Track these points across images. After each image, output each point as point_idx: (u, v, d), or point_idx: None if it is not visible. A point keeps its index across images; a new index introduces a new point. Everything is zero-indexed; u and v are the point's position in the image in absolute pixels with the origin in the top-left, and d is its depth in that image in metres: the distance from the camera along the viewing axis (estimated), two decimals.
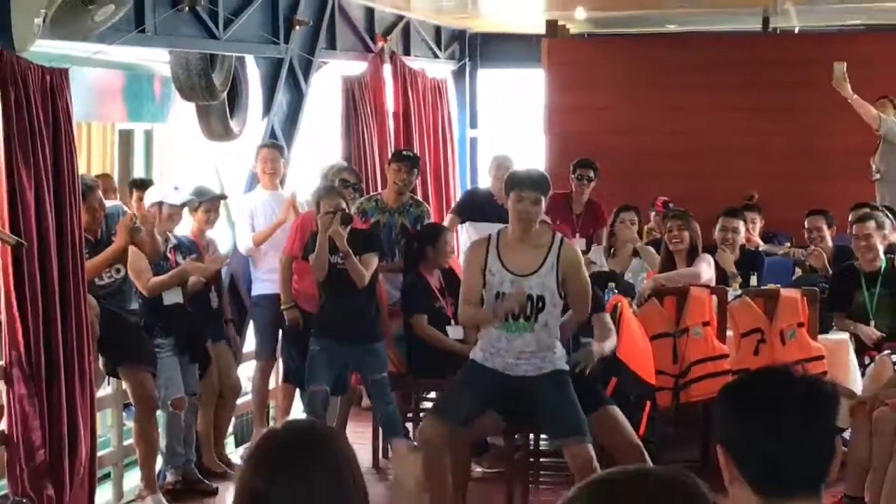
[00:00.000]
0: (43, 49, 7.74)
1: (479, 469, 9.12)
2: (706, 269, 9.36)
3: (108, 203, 8.80)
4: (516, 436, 8.45)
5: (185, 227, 9.42)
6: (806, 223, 10.93)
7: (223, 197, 9.90)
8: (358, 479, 2.71)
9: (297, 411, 9.94)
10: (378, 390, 9.20)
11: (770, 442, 2.74)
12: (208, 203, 9.33)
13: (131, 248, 8.45)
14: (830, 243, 10.73)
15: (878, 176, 11.63)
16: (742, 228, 10.30)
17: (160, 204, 8.90)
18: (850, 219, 9.96)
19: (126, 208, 9.02)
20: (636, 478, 2.18)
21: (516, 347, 7.28)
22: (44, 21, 7.11)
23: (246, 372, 10.40)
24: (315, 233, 8.90)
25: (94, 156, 12.34)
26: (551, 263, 7.26)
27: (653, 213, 12.09)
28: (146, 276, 8.61)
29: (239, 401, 9.93)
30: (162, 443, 8.75)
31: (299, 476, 2.61)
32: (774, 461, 2.75)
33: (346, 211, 8.94)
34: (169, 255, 8.87)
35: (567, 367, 7.40)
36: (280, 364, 10.17)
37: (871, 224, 9.53)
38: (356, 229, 9.09)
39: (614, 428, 7.70)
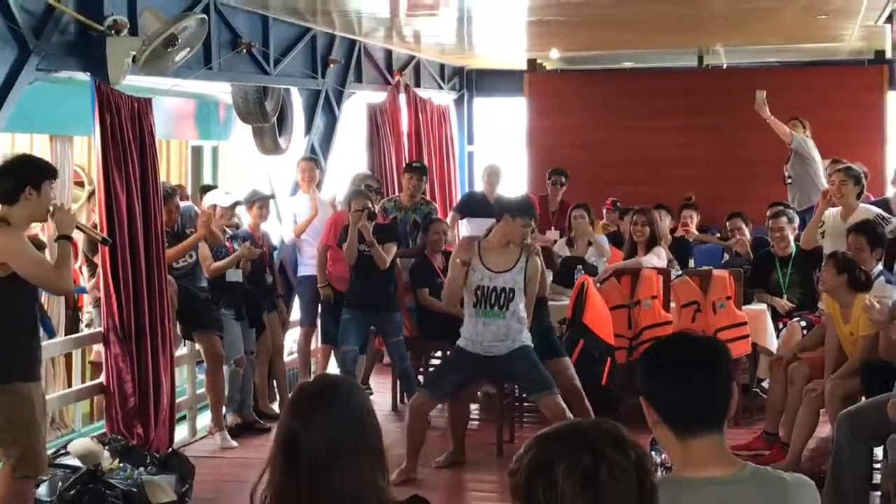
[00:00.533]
0: (132, 83, 7.73)
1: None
2: (656, 260, 9.35)
3: (182, 204, 8.81)
4: (505, 386, 8.47)
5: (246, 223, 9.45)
6: (728, 224, 10.95)
7: (272, 197, 9.88)
8: (373, 421, 2.69)
9: (333, 366, 9.96)
10: (395, 350, 9.22)
11: (679, 390, 2.74)
12: (260, 202, 9.33)
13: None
14: (749, 235, 10.75)
15: (789, 181, 11.62)
16: (657, 220, 10.14)
17: (214, 206, 8.91)
18: (767, 215, 9.97)
19: (196, 208, 9.02)
20: (569, 428, 2.17)
21: (491, 331, 7.38)
22: (133, 61, 7.12)
23: (292, 336, 10.40)
24: (347, 227, 8.91)
25: (172, 166, 12.33)
26: (521, 266, 7.38)
27: (605, 211, 12.05)
28: (208, 261, 8.63)
29: (287, 358, 9.95)
30: (226, 391, 8.77)
31: (326, 420, 2.58)
32: (684, 405, 2.75)
33: (372, 209, 8.94)
34: (227, 244, 8.88)
35: (530, 343, 7.50)
36: (319, 330, 10.18)
37: (784, 219, 9.52)
38: (379, 224, 9.10)
39: (564, 373, 7.81)
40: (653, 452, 2.99)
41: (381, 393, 9.92)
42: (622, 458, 2.06)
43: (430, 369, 9.72)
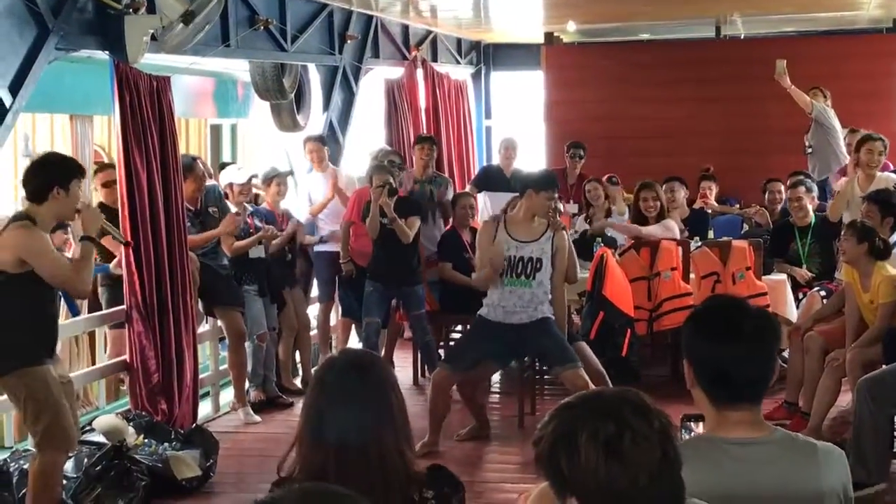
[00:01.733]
0: (150, 61, 7.73)
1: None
2: (660, 230, 9.29)
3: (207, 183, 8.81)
4: (525, 359, 8.47)
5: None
6: (767, 187, 10.78)
7: (290, 173, 9.87)
8: (398, 395, 2.71)
9: (353, 340, 9.98)
10: (417, 324, 9.23)
11: (726, 362, 2.74)
12: (278, 178, 9.32)
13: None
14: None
15: (809, 150, 11.56)
16: (662, 195, 10.07)
17: (231, 184, 8.91)
18: (787, 184, 9.93)
19: (220, 188, 9.00)
20: (592, 396, 2.17)
21: (516, 297, 7.38)
22: (152, 38, 7.13)
23: (312, 312, 10.41)
24: (369, 202, 8.92)
25: (191, 145, 12.34)
26: (548, 236, 7.42)
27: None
28: (230, 240, 8.61)
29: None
30: (249, 367, 8.80)
31: (352, 394, 2.61)
32: (727, 375, 2.75)
33: (393, 185, 8.94)
34: (248, 220, 8.89)
35: (552, 315, 7.47)
36: (338, 304, 10.20)
37: (802, 189, 9.49)
38: (401, 197, 9.10)
39: (584, 358, 7.70)
40: (682, 431, 2.98)
41: (402, 367, 9.93)
42: (645, 426, 2.06)
43: (451, 343, 9.74)
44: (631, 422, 2.05)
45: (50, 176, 5.63)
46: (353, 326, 9.85)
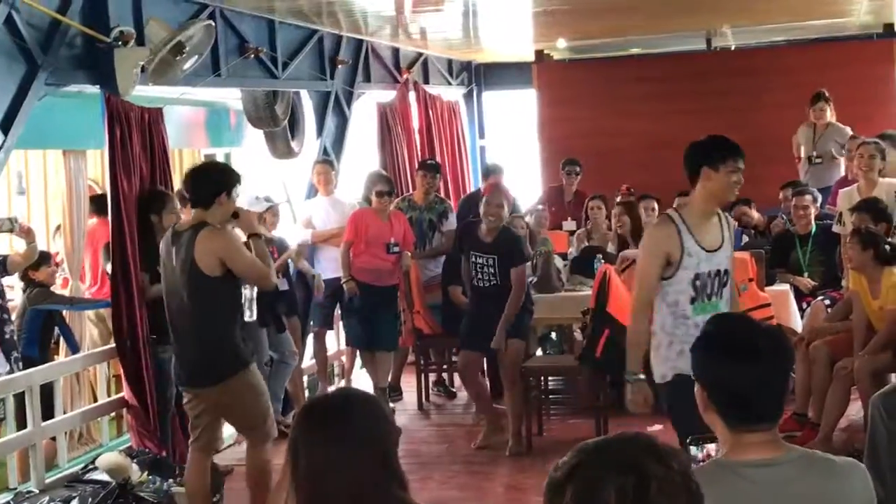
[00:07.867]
0: (141, 93, 7.62)
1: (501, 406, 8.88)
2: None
3: None
4: (531, 379, 8.34)
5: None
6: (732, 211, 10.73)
7: (286, 201, 9.66)
8: (389, 433, 2.69)
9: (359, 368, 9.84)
10: None
11: (743, 383, 2.64)
12: (271, 209, 9.10)
13: None
14: (756, 215, 10.68)
15: (819, 161, 11.38)
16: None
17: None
18: (787, 194, 9.86)
19: None
20: (604, 447, 2.01)
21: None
22: (142, 71, 7.02)
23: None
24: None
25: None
26: (728, 236, 5.37)
27: (619, 198, 11.80)
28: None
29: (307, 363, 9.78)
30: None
31: (335, 437, 2.63)
32: (745, 398, 2.65)
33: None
34: (270, 249, 8.75)
35: None
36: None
37: (809, 197, 9.45)
38: None
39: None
40: (693, 448, 2.88)
41: (407, 391, 9.85)
42: (667, 472, 1.96)
43: (453, 363, 9.59)
44: (653, 471, 1.95)
45: (219, 183, 6.00)
46: (359, 354, 9.68)
